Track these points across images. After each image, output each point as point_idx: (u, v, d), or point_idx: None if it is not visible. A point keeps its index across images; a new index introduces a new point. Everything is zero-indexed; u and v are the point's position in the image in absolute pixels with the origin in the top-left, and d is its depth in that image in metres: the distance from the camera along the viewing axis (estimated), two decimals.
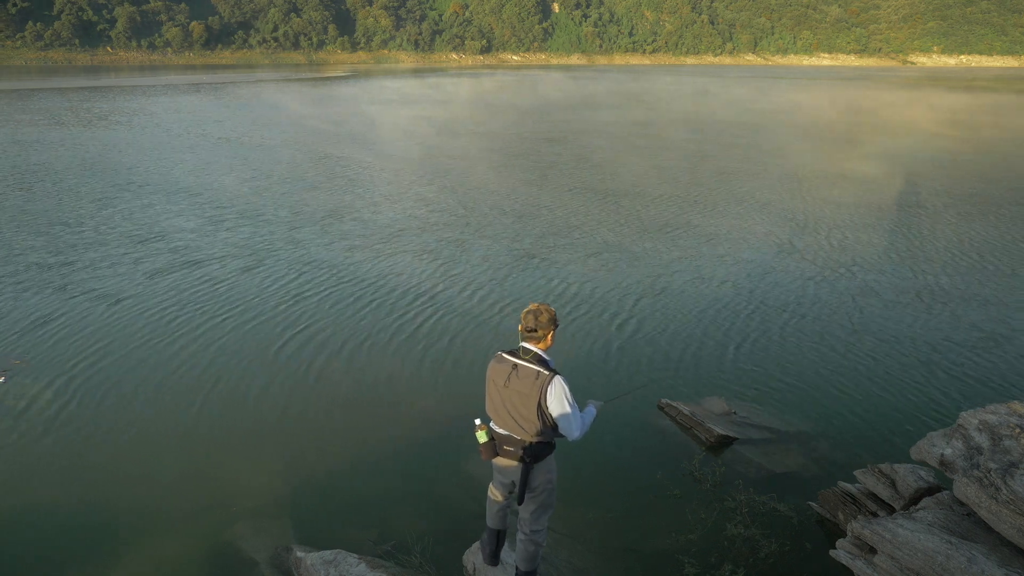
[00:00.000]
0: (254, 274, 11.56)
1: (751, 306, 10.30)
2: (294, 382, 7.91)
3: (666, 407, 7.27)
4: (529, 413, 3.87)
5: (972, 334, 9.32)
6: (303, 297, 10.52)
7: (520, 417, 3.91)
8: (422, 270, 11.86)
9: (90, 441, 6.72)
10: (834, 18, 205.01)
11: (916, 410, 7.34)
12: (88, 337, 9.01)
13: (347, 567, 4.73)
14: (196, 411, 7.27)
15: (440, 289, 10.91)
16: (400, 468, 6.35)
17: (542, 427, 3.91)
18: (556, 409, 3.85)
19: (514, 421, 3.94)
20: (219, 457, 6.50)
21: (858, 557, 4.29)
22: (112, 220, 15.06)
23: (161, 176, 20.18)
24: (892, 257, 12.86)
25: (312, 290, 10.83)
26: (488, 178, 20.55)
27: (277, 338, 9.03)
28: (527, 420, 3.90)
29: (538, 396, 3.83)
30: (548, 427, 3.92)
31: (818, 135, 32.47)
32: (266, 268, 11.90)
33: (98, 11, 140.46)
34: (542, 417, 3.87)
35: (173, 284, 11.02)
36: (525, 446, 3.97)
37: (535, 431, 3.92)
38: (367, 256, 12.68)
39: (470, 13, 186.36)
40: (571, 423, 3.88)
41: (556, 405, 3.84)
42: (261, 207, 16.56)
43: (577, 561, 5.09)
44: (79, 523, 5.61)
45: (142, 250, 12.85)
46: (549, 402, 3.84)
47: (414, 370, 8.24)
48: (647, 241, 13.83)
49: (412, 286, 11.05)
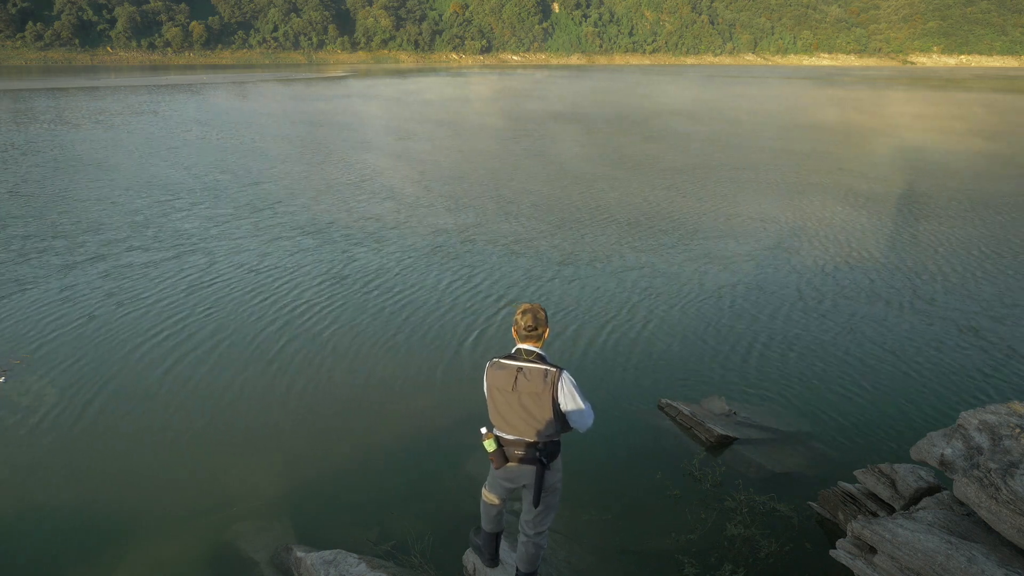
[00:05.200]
0: (255, 274, 11.57)
1: (751, 306, 10.30)
2: (294, 382, 7.91)
3: (666, 407, 7.27)
4: (543, 413, 3.89)
5: (972, 334, 9.32)
6: (304, 297, 10.52)
7: (532, 419, 3.91)
8: (422, 270, 11.86)
9: (90, 441, 6.72)
10: (834, 18, 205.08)
11: (916, 410, 7.34)
12: (88, 336, 9.00)
13: (347, 567, 4.73)
14: (196, 411, 7.27)
15: (440, 289, 10.92)
16: (400, 468, 6.35)
17: (556, 425, 3.93)
18: (570, 404, 3.89)
19: (525, 424, 3.93)
20: (219, 457, 6.50)
21: (858, 557, 4.29)
22: (112, 220, 15.07)
23: (164, 176, 20.19)
24: (892, 257, 12.87)
25: (312, 290, 10.83)
26: (487, 176, 20.56)
27: (277, 338, 9.03)
28: (540, 421, 3.90)
29: (551, 393, 3.86)
30: (560, 424, 3.95)
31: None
32: (267, 268, 11.91)
33: (98, 11, 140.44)
34: (556, 414, 3.90)
35: (173, 284, 11.02)
36: (537, 447, 3.98)
37: (548, 431, 3.93)
38: (368, 256, 12.69)
39: (470, 13, 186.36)
40: (584, 415, 3.92)
41: (569, 399, 3.89)
42: (266, 209, 16.57)
43: (576, 561, 5.09)
44: (79, 523, 5.60)
45: (142, 249, 12.84)
46: (563, 397, 3.88)
47: (414, 370, 8.24)
48: (647, 241, 13.83)
49: (412, 286, 11.05)
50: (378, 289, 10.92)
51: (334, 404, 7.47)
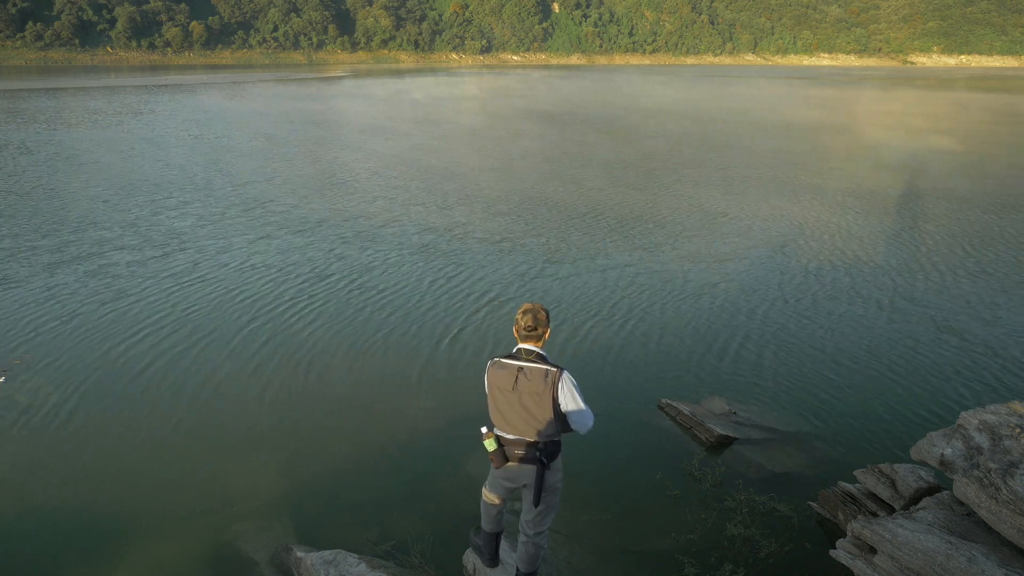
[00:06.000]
0: (256, 274, 11.56)
1: (752, 306, 10.30)
2: (294, 382, 7.91)
3: (666, 407, 7.27)
4: (543, 413, 3.90)
5: (972, 334, 9.32)
6: (304, 297, 10.52)
7: (533, 419, 3.92)
8: (422, 270, 11.86)
9: (90, 441, 6.72)
10: (834, 18, 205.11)
11: (916, 410, 7.34)
12: (88, 336, 9.00)
13: (347, 567, 4.73)
14: (196, 411, 7.27)
15: (439, 289, 10.91)
16: (400, 468, 6.35)
17: (556, 425, 3.94)
18: (570, 404, 3.90)
19: (526, 424, 3.94)
20: (219, 457, 6.50)
21: (858, 557, 4.29)
22: (113, 219, 15.07)
23: (166, 175, 20.18)
24: (892, 257, 12.87)
25: (313, 290, 10.83)
26: (488, 175, 20.56)
27: (278, 338, 9.02)
28: (541, 420, 3.91)
29: (552, 393, 3.87)
30: (560, 424, 3.96)
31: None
32: (267, 269, 11.91)
33: (98, 11, 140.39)
34: (557, 414, 3.91)
35: (173, 284, 11.02)
36: (538, 447, 3.98)
37: (548, 431, 3.94)
38: (367, 257, 12.68)
39: (470, 13, 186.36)
40: (584, 416, 3.93)
41: (570, 399, 3.90)
42: (271, 210, 16.57)
43: (576, 561, 5.09)
44: (79, 523, 5.60)
45: (142, 249, 12.84)
46: (563, 397, 3.89)
47: (414, 370, 8.24)
48: (647, 241, 13.83)
49: (412, 286, 11.05)
50: (378, 289, 10.92)
51: (335, 404, 7.47)
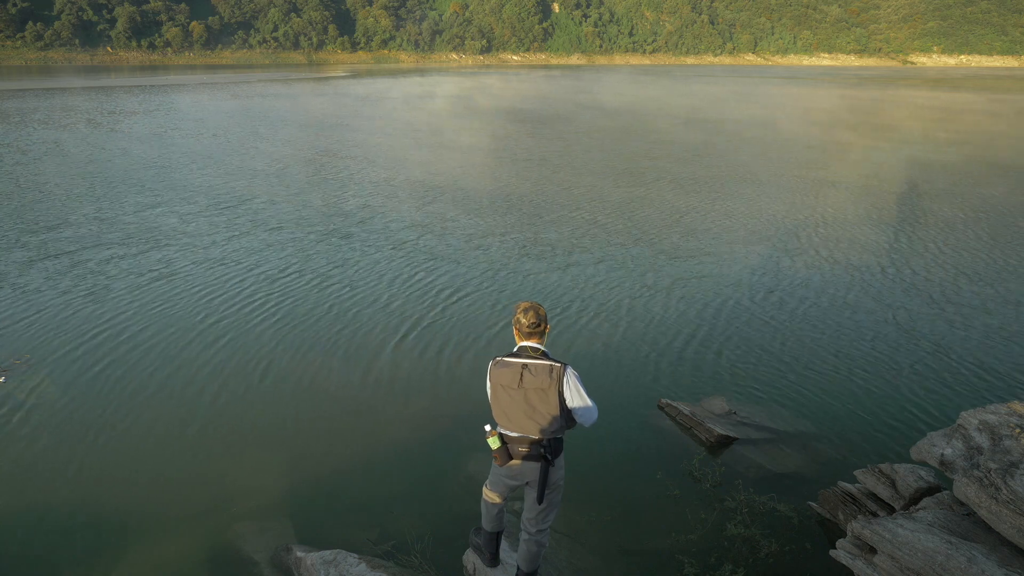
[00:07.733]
0: (256, 274, 11.56)
1: (752, 306, 10.30)
2: (294, 382, 7.91)
3: (666, 407, 7.27)
4: (549, 408, 3.91)
5: (972, 334, 9.32)
6: (304, 297, 10.52)
7: (537, 415, 3.93)
8: (422, 270, 11.86)
9: (90, 441, 6.72)
10: (834, 18, 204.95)
11: (916, 410, 7.34)
12: (88, 336, 9.00)
13: (347, 567, 4.73)
14: (196, 411, 7.27)
15: (439, 289, 10.92)
16: (400, 468, 6.35)
17: (561, 421, 3.96)
18: (575, 398, 3.93)
19: (530, 421, 3.95)
20: (219, 457, 6.50)
21: (858, 557, 4.29)
22: (112, 219, 15.06)
23: (167, 175, 20.17)
24: (892, 257, 12.87)
25: (313, 290, 10.83)
26: (488, 175, 20.55)
27: (278, 338, 9.03)
28: (546, 417, 3.93)
29: (557, 388, 3.89)
30: (565, 419, 3.98)
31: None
32: (268, 269, 11.91)
33: (98, 11, 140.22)
34: (562, 409, 3.93)
35: (174, 284, 11.02)
36: (542, 444, 3.99)
37: (553, 427, 3.95)
38: (368, 257, 12.68)
39: (470, 13, 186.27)
40: (589, 410, 3.95)
41: (575, 394, 3.92)
42: (273, 211, 16.56)
43: (577, 561, 5.09)
44: (79, 523, 5.60)
45: (142, 250, 12.84)
46: (568, 392, 3.91)
47: (414, 370, 8.24)
48: (647, 241, 13.83)
49: (412, 286, 11.05)
50: (377, 289, 10.92)
51: (335, 404, 7.47)
